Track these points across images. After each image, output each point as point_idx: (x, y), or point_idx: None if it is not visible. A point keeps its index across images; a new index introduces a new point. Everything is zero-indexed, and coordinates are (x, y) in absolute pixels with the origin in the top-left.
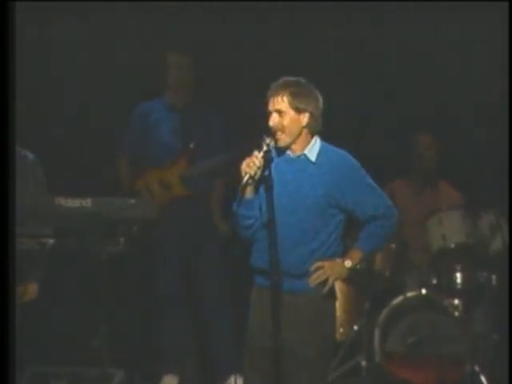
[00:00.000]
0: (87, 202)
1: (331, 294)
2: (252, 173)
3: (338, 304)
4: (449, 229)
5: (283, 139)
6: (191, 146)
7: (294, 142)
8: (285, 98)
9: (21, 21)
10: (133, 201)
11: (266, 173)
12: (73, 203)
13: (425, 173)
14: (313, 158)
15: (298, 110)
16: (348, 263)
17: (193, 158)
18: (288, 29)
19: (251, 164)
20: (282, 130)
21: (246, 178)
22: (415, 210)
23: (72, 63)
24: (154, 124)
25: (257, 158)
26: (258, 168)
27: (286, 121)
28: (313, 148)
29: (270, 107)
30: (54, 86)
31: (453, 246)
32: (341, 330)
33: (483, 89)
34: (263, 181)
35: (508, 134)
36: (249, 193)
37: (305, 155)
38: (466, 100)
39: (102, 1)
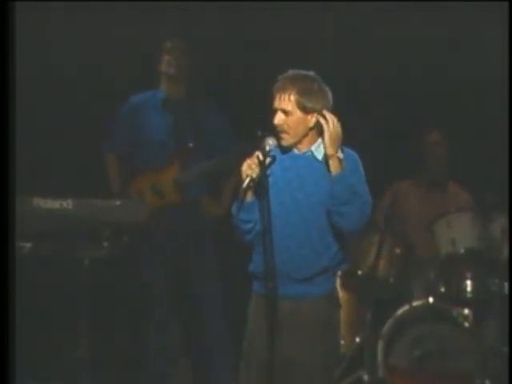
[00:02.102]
0: (68, 203)
1: (336, 300)
2: (254, 175)
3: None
4: (458, 232)
5: (287, 139)
6: (190, 145)
7: (298, 142)
8: (292, 97)
9: (21, 21)
10: (118, 202)
11: (268, 173)
12: (52, 204)
13: (433, 173)
14: (319, 156)
15: (306, 110)
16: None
17: (187, 160)
18: (288, 28)
19: (253, 166)
20: (287, 130)
21: (247, 181)
22: (422, 213)
23: (72, 63)
24: (146, 120)
25: (258, 159)
26: (260, 170)
27: (292, 121)
28: (320, 145)
29: (276, 104)
30: (53, 85)
31: (462, 251)
32: (342, 342)
33: (483, 89)
34: (262, 182)
35: (508, 135)
36: (249, 196)
37: (311, 152)
38: (465, 100)
39: (102, 1)
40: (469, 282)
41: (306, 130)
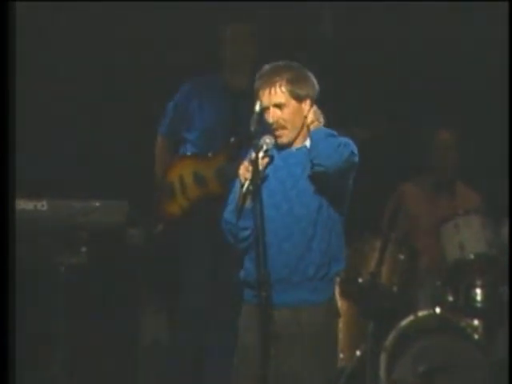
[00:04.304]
0: (43, 205)
1: (335, 309)
2: (252, 178)
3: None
4: (467, 237)
5: (286, 135)
6: (232, 140)
7: (296, 136)
8: (283, 88)
9: (21, 21)
10: (97, 203)
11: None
12: (26, 205)
13: (442, 173)
14: None
15: (300, 99)
16: None
17: (233, 153)
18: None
19: (251, 168)
20: (284, 125)
21: (246, 185)
22: (429, 216)
23: (72, 63)
24: (201, 106)
25: (256, 160)
26: (258, 171)
27: (288, 114)
28: None
29: (266, 101)
30: (53, 85)
31: (472, 256)
32: (341, 355)
33: (482, 89)
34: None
35: (508, 135)
36: (248, 201)
37: (305, 147)
38: (464, 100)
39: (103, 1)
40: (478, 291)
41: (302, 120)
